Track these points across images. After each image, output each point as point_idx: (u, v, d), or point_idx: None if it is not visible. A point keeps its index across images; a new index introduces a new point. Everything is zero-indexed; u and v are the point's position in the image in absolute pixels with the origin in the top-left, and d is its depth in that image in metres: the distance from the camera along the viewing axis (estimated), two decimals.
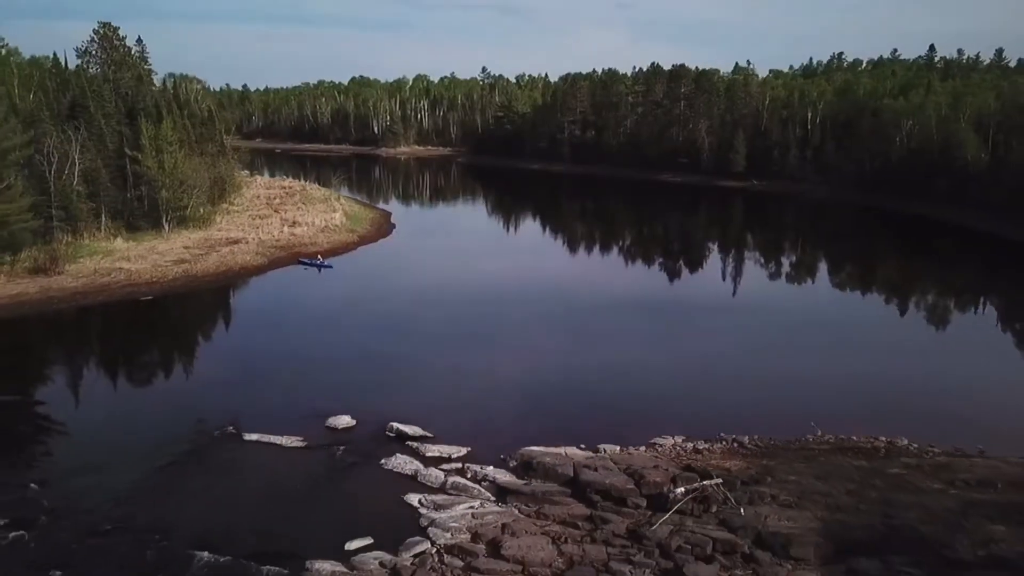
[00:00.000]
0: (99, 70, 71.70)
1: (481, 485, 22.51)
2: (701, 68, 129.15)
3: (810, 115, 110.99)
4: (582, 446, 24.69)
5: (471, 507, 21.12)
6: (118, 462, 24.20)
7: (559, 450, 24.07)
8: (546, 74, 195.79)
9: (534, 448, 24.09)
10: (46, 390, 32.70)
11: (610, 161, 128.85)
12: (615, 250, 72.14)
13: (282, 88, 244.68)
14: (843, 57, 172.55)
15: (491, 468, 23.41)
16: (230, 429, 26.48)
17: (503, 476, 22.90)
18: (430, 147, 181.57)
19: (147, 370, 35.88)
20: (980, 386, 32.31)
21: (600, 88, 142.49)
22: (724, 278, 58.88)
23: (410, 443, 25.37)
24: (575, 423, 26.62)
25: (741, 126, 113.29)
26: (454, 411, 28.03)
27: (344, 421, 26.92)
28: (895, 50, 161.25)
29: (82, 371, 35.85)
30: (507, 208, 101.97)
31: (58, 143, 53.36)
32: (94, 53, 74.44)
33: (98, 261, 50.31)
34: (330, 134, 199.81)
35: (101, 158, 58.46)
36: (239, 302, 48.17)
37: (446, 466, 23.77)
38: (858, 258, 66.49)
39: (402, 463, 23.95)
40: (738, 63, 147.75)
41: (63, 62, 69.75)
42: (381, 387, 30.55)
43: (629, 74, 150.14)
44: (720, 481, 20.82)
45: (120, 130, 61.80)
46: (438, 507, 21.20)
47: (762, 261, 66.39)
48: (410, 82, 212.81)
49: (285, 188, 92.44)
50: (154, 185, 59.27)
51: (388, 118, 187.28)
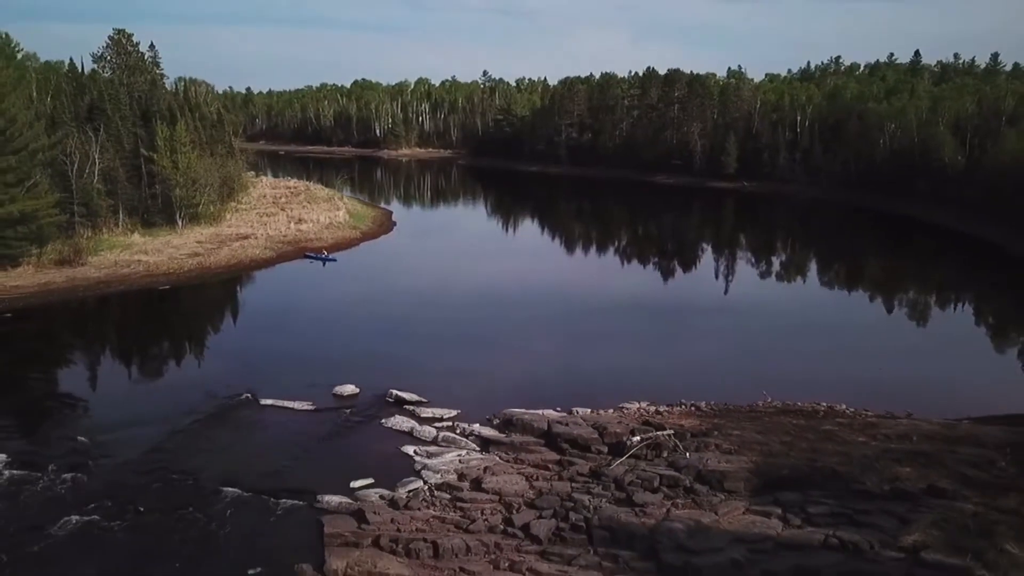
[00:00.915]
0: (113, 74, 75.38)
1: (468, 439, 25.94)
2: (695, 72, 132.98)
3: (799, 118, 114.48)
4: (558, 408, 28.08)
5: (458, 455, 24.54)
6: (150, 421, 27.62)
7: (537, 411, 27.48)
8: (545, 77, 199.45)
9: (515, 409, 27.51)
10: (81, 365, 36.29)
11: (606, 163, 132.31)
12: (605, 245, 75.57)
13: (285, 91, 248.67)
14: (840, 61, 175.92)
15: (477, 425, 26.88)
16: (247, 396, 29.91)
17: (487, 431, 26.35)
18: (431, 149, 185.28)
19: (169, 348, 39.44)
20: (920, 361, 36.06)
21: (597, 92, 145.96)
22: (705, 272, 62.40)
23: (407, 407, 28.81)
24: (553, 390, 30.03)
25: (733, 129, 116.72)
26: (447, 381, 31.47)
27: (349, 389, 30.36)
28: (891, 54, 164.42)
29: (111, 349, 39.43)
30: (506, 208, 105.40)
31: (79, 144, 56.96)
32: (109, 58, 78.41)
33: (118, 254, 53.83)
34: (333, 136, 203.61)
35: (119, 158, 61.96)
36: (250, 291, 51.67)
37: (438, 424, 27.22)
38: (834, 253, 70.00)
39: (400, 422, 27.41)
40: (730, 68, 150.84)
41: (79, 67, 73.40)
42: (382, 361, 34.04)
43: (627, 77, 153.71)
44: (671, 432, 24.25)
45: (136, 132, 65.31)
46: (430, 455, 24.64)
47: (743, 257, 69.95)
48: (412, 85, 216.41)
49: (290, 188, 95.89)
50: (168, 184, 62.77)
51: (390, 121, 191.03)
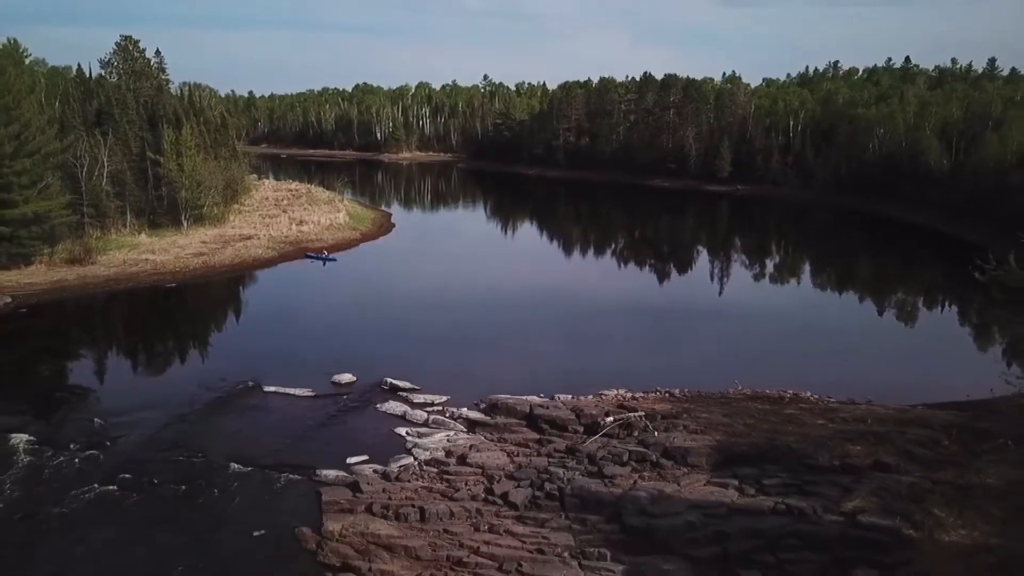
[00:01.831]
0: (119, 80, 77.50)
1: (456, 421, 27.98)
2: (691, 77, 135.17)
3: (792, 123, 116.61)
4: (541, 395, 30.07)
5: (447, 435, 26.58)
6: (160, 406, 29.66)
7: (521, 397, 29.49)
8: (544, 82, 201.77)
9: (501, 395, 29.52)
10: (93, 356, 38.40)
11: (603, 167, 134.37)
12: (598, 246, 77.36)
13: (287, 94, 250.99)
14: (838, 66, 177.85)
15: (465, 409, 28.93)
16: (251, 383, 31.94)
17: (474, 414, 28.39)
18: (431, 153, 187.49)
19: (177, 342, 41.51)
20: (890, 354, 37.97)
21: (595, 96, 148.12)
22: (693, 271, 64.40)
23: (401, 393, 30.84)
24: (538, 380, 31.96)
25: (727, 133, 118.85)
26: (439, 370, 33.50)
27: (346, 378, 32.41)
28: (889, 59, 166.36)
29: (122, 342, 41.53)
30: (503, 211, 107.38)
31: (88, 147, 59.08)
32: (116, 64, 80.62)
33: (126, 253, 55.94)
34: (334, 140, 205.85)
35: (126, 161, 64.07)
36: (253, 289, 53.70)
37: (429, 409, 29.27)
38: (819, 254, 72.10)
39: (393, 407, 29.46)
40: (724, 73, 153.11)
41: (87, 73, 75.62)
42: (378, 353, 36.09)
43: (624, 82, 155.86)
44: (643, 414, 26.30)
45: (142, 136, 67.42)
46: (421, 436, 26.68)
47: (732, 257, 71.95)
48: (412, 89, 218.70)
49: (292, 191, 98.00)
50: (174, 186, 64.93)
51: (391, 124, 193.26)
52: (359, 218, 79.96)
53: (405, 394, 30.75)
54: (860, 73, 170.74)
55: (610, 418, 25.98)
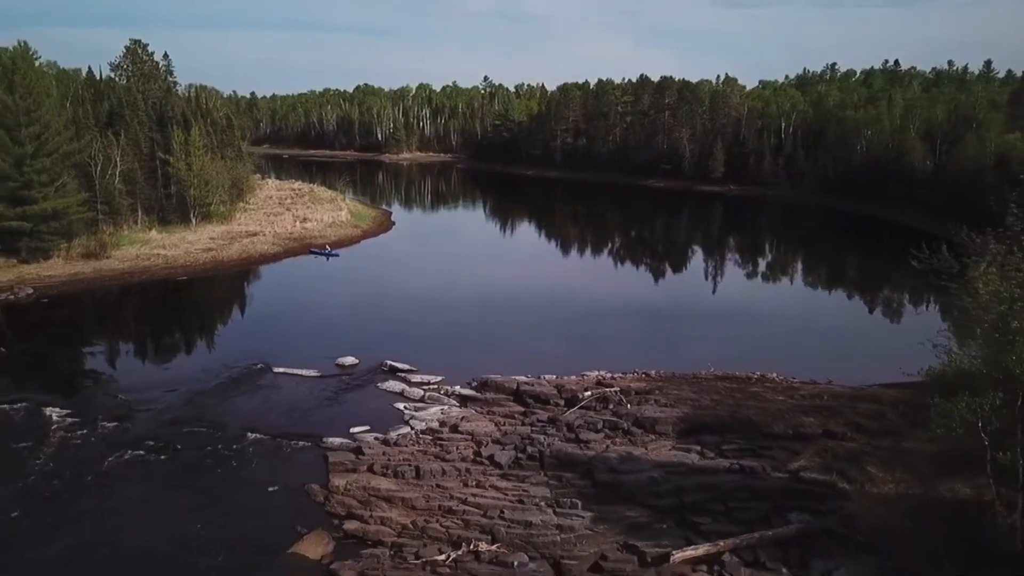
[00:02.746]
0: (128, 82, 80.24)
1: (449, 397, 30.68)
2: (686, 80, 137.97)
3: (784, 124, 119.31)
4: (528, 375, 32.73)
5: (441, 409, 29.28)
6: (179, 385, 32.47)
7: (510, 376, 32.16)
8: (543, 83, 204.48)
9: (491, 375, 32.20)
10: (113, 342, 41.14)
11: (600, 167, 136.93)
12: (591, 242, 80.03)
13: (289, 95, 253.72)
14: (836, 68, 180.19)
15: (458, 387, 31.65)
16: (261, 365, 34.65)
17: (466, 391, 31.11)
18: (431, 153, 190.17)
19: (191, 329, 44.27)
20: (854, 340, 40.65)
21: (592, 98, 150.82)
22: (680, 265, 67.09)
23: (399, 374, 33.53)
24: (525, 362, 34.49)
25: (720, 135, 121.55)
26: (435, 354, 36.10)
27: (349, 360, 35.08)
28: (886, 60, 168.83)
29: (139, 329, 44.30)
30: (500, 210, 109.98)
31: (101, 147, 61.77)
32: (125, 67, 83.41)
33: (138, 248, 58.66)
34: (335, 140, 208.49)
35: (137, 161, 66.82)
36: (260, 282, 56.44)
37: (425, 387, 31.94)
38: (805, 252, 74.76)
39: (392, 385, 32.16)
40: (718, 75, 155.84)
41: (97, 74, 78.49)
42: (378, 338, 38.79)
43: (621, 83, 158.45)
44: (618, 389, 29.01)
45: (152, 136, 70.16)
46: (417, 409, 29.38)
47: (720, 254, 74.52)
48: (413, 90, 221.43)
49: (295, 190, 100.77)
50: (183, 185, 67.65)
51: (391, 125, 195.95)
52: (360, 216, 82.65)
53: (403, 374, 33.42)
54: (857, 75, 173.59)
55: (588, 393, 28.73)
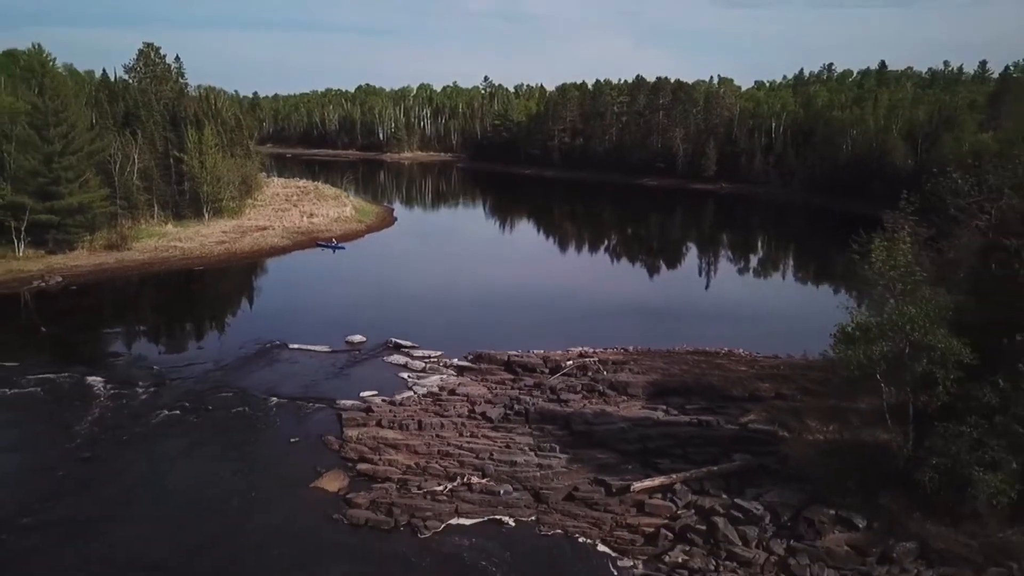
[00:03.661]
0: (141, 83, 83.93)
1: (448, 368, 34.35)
2: (681, 80, 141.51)
3: (774, 124, 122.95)
4: (518, 350, 36.41)
5: (440, 377, 32.97)
6: (205, 359, 36.21)
7: (502, 351, 35.84)
8: (541, 84, 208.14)
9: (485, 350, 35.89)
10: (141, 323, 44.77)
11: (596, 166, 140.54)
12: (584, 235, 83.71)
13: (291, 95, 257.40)
14: (833, 68, 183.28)
15: (455, 359, 35.36)
16: (278, 342, 38.33)
17: (462, 363, 34.78)
18: (432, 153, 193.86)
19: (211, 312, 48.01)
20: (819, 321, 44.15)
21: (589, 99, 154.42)
22: (667, 256, 70.76)
23: (403, 349, 37.19)
24: (516, 339, 38.14)
25: (713, 134, 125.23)
26: (435, 332, 39.80)
27: (358, 338, 38.77)
28: (883, 61, 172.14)
29: (164, 312, 47.84)
30: (498, 207, 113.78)
31: (119, 146, 65.44)
32: (138, 69, 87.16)
33: (156, 241, 62.36)
34: (338, 140, 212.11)
35: (152, 159, 70.50)
36: (273, 271, 60.13)
37: (426, 360, 35.62)
38: (787, 246, 78.59)
39: (397, 359, 35.85)
40: (711, 76, 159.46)
41: (111, 77, 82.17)
42: (384, 319, 42.33)
43: (617, 84, 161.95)
44: (597, 358, 32.67)
45: (166, 136, 73.82)
46: (419, 378, 33.08)
47: (707, 246, 78.22)
48: (414, 91, 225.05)
49: (300, 187, 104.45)
50: (196, 181, 71.31)
51: (393, 125, 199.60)
52: (364, 212, 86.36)
53: (406, 350, 37.09)
54: (854, 76, 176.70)
55: (570, 362, 32.43)
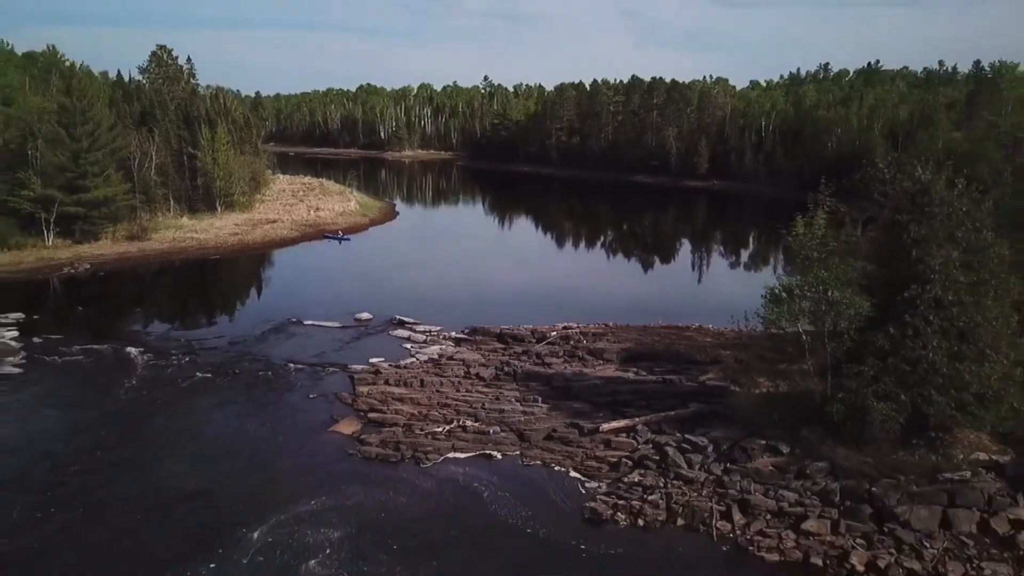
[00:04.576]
0: (153, 84, 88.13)
1: (447, 340, 38.52)
2: (675, 80, 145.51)
3: (764, 124, 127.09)
4: (510, 325, 40.57)
5: (440, 347, 37.16)
6: (229, 333, 40.46)
7: (495, 325, 40.03)
8: (540, 84, 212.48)
9: (480, 324, 40.07)
10: (168, 304, 49.17)
11: (592, 164, 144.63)
12: (577, 229, 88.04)
13: (293, 95, 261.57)
14: (829, 67, 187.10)
15: (453, 332, 39.53)
16: (294, 319, 42.51)
17: (460, 336, 38.95)
18: (432, 151, 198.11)
19: (230, 295, 52.39)
20: None
21: (585, 98, 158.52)
22: (653, 245, 74.94)
23: (407, 325, 41.37)
24: (509, 315, 42.35)
25: (705, 133, 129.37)
26: (435, 311, 43.92)
27: (365, 315, 42.95)
28: (877, 60, 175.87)
29: (186, 296, 52.25)
30: (496, 202, 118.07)
31: (138, 143, 69.60)
32: (152, 70, 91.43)
33: (174, 232, 66.55)
34: (339, 139, 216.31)
35: (168, 155, 74.67)
36: (284, 260, 64.30)
37: (427, 333, 39.80)
38: (771, 237, 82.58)
39: (401, 333, 40.05)
40: (706, 76, 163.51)
41: (124, 77, 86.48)
42: (388, 299, 46.54)
43: (613, 83, 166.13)
44: (578, 329, 36.82)
45: (180, 134, 78.00)
46: (421, 348, 37.27)
47: (690, 236, 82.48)
48: (415, 90, 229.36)
49: (305, 184, 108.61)
50: (210, 177, 75.52)
51: (394, 124, 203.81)
52: (367, 206, 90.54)
53: (409, 325, 41.27)
54: (850, 75, 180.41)
55: (554, 333, 36.58)
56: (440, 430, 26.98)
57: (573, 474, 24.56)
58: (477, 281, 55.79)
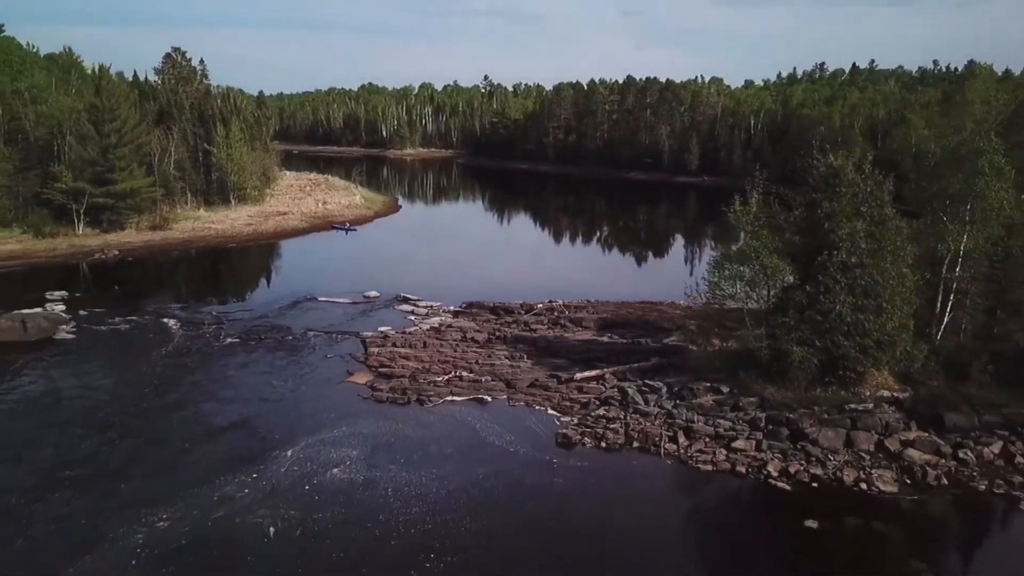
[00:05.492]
0: (168, 84, 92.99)
1: (446, 313, 43.43)
2: (669, 79, 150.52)
3: (753, 122, 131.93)
4: (502, 300, 45.48)
5: (440, 319, 42.05)
6: (253, 308, 45.48)
7: (489, 300, 44.94)
8: (538, 83, 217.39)
9: (476, 300, 44.99)
10: (193, 285, 54.12)
11: (588, 162, 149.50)
12: (571, 222, 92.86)
13: (296, 94, 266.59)
14: (824, 67, 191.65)
15: (451, 307, 44.45)
16: (308, 296, 47.45)
17: (458, 309, 43.87)
18: (433, 149, 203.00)
19: (249, 276, 57.34)
20: None
21: (582, 98, 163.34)
22: (645, 238, 79.84)
23: (410, 301, 46.29)
24: (503, 293, 47.25)
25: (696, 131, 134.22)
26: (436, 288, 48.87)
27: (373, 293, 47.87)
28: (872, 60, 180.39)
29: (209, 279, 57.11)
30: (494, 198, 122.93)
31: (159, 140, 74.51)
32: (166, 71, 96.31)
33: (192, 223, 71.48)
34: (342, 137, 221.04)
35: (185, 151, 79.58)
36: (296, 248, 69.16)
37: (428, 308, 44.71)
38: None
39: (405, 308, 44.99)
40: (699, 76, 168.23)
41: (141, 78, 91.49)
42: (394, 280, 51.35)
43: (608, 82, 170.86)
44: (562, 302, 41.74)
45: (195, 131, 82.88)
46: (423, 319, 42.16)
47: (683, 231, 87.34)
48: (416, 89, 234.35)
49: (311, 180, 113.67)
50: (224, 172, 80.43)
51: (395, 123, 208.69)
52: (372, 200, 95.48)
53: (413, 301, 46.19)
54: (845, 75, 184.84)
55: (541, 305, 41.50)
56: (440, 379, 31.88)
57: (551, 412, 29.45)
58: (474, 266, 60.72)
